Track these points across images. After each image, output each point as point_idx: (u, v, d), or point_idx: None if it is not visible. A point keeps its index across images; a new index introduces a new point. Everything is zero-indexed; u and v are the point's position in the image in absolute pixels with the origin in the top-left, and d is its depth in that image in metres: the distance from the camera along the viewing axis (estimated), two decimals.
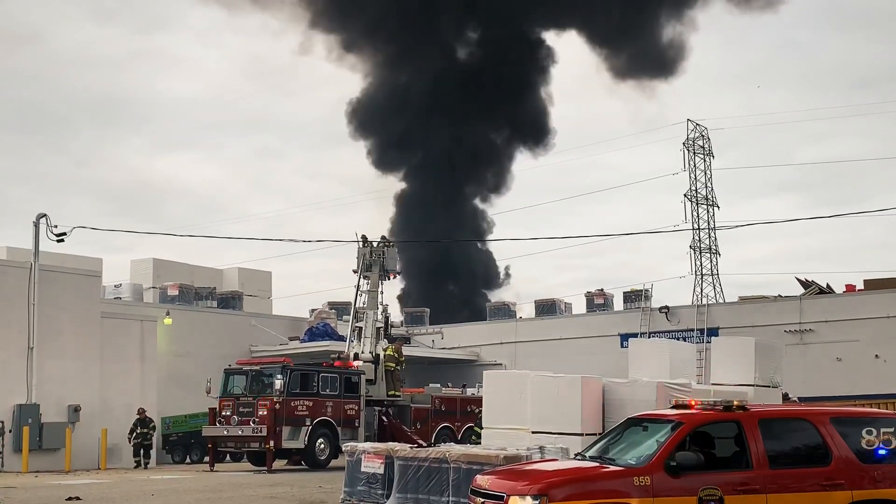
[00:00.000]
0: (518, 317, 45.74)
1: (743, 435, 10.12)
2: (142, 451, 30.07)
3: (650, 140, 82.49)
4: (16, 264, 30.28)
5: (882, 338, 34.90)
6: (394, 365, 29.92)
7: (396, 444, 17.24)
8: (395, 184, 58.70)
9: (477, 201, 58.51)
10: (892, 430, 10.38)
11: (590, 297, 44.40)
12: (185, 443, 35.09)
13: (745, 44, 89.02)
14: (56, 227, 29.27)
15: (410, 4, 55.08)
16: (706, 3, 59.21)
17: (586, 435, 16.62)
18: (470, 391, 33.03)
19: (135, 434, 29.96)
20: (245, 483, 22.11)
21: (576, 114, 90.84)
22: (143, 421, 29.97)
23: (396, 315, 44.42)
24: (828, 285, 39.53)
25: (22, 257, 31.44)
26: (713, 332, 36.47)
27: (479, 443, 21.51)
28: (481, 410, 26.26)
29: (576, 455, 11.80)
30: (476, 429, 25.55)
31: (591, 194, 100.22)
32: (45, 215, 29.56)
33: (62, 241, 29.35)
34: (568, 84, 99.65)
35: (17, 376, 28.62)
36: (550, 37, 59.91)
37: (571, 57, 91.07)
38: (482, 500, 10.27)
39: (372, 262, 31.27)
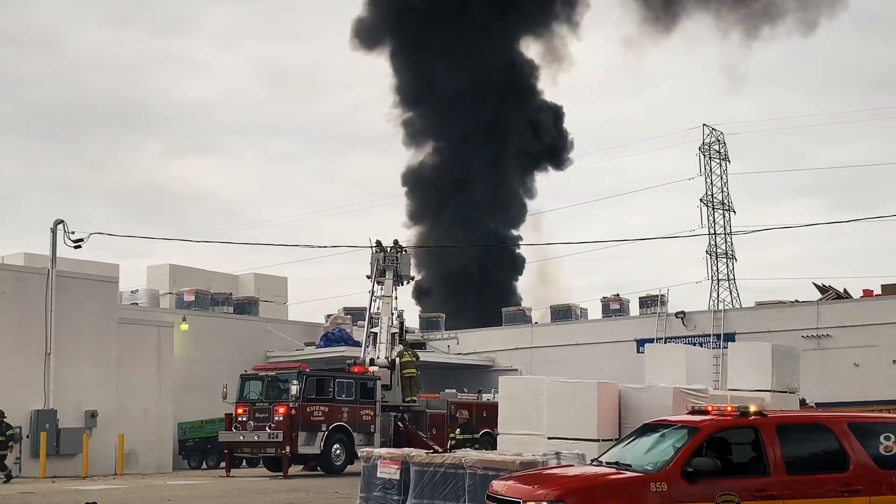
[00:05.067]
0: (533, 322, 45.66)
1: (760, 441, 10.07)
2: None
3: (666, 144, 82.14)
4: (33, 270, 30.50)
5: None
6: (415, 370, 29.90)
7: (412, 449, 17.23)
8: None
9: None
10: None
11: (605, 303, 44.24)
12: (202, 448, 35.16)
13: (761, 46, 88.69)
14: (73, 233, 29.46)
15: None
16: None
17: (602, 440, 16.64)
18: (486, 397, 32.98)
19: None
20: (261, 489, 22.17)
21: (592, 118, 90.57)
22: None
23: (414, 320, 44.47)
24: (845, 290, 39.33)
25: (39, 263, 31.66)
26: (730, 337, 36.31)
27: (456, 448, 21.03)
28: (463, 419, 25.49)
29: (592, 461, 11.77)
30: (455, 435, 24.38)
31: (607, 199, 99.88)
32: (62, 221, 29.74)
33: (79, 247, 29.51)
34: (584, 88, 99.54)
35: (34, 382, 28.80)
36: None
37: (591, 59, 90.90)
38: None
39: (386, 267, 31.31)
